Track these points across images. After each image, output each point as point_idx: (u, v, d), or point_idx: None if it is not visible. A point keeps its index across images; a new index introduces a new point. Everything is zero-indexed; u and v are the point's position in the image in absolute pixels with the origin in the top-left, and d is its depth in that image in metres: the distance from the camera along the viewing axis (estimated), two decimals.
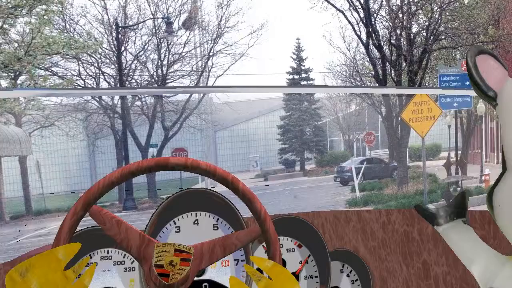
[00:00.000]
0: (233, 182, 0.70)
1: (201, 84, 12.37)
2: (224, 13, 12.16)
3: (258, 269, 0.69)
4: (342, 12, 9.97)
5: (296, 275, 0.93)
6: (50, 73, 10.39)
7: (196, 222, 0.88)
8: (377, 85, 10.67)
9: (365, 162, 13.32)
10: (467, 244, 0.60)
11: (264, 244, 0.72)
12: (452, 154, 12.11)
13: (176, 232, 0.87)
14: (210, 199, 0.87)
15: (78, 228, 0.69)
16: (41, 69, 10.00)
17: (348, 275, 0.97)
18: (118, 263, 0.86)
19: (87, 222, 0.74)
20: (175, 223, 0.87)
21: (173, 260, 0.68)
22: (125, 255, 0.87)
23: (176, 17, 11.79)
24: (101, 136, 12.87)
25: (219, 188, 0.84)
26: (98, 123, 12.05)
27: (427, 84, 11.35)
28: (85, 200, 0.66)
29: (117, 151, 11.66)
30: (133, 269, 0.86)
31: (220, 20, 12.11)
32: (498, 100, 0.53)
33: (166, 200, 0.85)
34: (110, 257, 0.86)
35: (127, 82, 11.59)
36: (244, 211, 0.82)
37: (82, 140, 12.50)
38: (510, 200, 0.51)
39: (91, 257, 0.84)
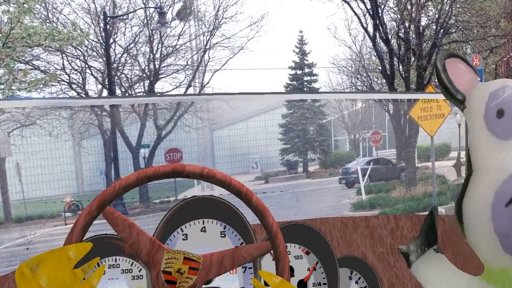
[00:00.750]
0: (247, 194, 0.76)
1: (196, 80, 12.34)
2: (221, 2, 12.09)
3: (266, 284, 0.72)
4: (347, 3, 10.00)
5: (304, 282, 0.98)
6: (31, 67, 10.25)
7: (203, 229, 0.93)
8: (384, 80, 10.73)
9: (372, 162, 13.41)
10: (441, 277, 0.59)
11: (271, 251, 0.78)
12: (462, 154, 12.17)
13: (183, 239, 0.92)
14: (217, 207, 0.92)
15: (85, 236, 0.73)
16: (21, 63, 9.87)
17: (356, 282, 1.02)
18: (126, 271, 0.91)
19: (93, 227, 0.79)
20: (182, 231, 0.93)
21: (182, 268, 0.73)
22: (132, 263, 0.92)
23: (170, 7, 11.74)
24: (87, 136, 12.80)
25: (226, 195, 0.90)
26: (85, 121, 11.95)
27: (436, 80, 11.39)
28: (100, 201, 0.71)
29: (106, 152, 11.58)
30: (141, 277, 0.91)
31: (218, 11, 12.07)
32: (466, 103, 0.56)
33: (173, 208, 0.91)
34: (117, 265, 0.91)
35: (116, 77, 11.54)
36: (250, 217, 0.86)
37: (66, 140, 12.40)
38: (481, 213, 0.48)
39: (98, 265, 0.89)
